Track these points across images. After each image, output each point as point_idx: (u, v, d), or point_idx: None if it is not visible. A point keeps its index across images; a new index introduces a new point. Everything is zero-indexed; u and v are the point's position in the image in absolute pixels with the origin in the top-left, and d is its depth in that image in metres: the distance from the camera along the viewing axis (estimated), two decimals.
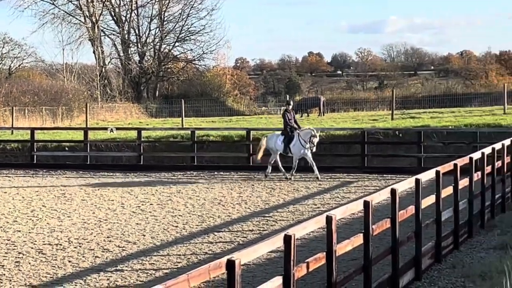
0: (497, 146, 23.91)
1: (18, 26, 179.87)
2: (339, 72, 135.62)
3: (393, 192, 14.93)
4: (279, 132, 32.36)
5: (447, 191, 18.75)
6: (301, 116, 59.69)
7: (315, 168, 31.31)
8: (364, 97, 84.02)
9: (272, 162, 32.04)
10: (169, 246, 19.69)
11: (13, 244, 20.07)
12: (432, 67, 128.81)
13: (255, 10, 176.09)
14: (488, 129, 36.03)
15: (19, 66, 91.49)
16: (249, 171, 35.22)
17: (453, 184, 19.16)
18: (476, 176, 21.14)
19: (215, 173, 35.17)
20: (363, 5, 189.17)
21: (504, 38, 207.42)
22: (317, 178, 30.79)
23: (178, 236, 20.92)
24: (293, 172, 31.78)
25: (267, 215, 24.25)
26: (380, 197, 15.22)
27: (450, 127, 37.89)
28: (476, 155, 21.57)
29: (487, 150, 22.80)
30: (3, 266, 17.72)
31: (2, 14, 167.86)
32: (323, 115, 60.49)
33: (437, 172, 18.20)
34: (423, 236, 16.54)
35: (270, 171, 32.26)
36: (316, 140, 31.13)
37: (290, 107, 33.12)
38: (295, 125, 32.02)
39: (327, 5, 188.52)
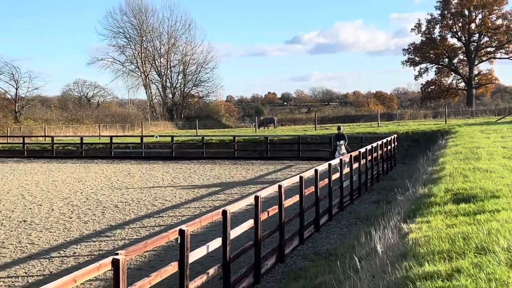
0: (374, 144, 24.18)
1: (103, 77, 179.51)
2: (285, 103, 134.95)
3: (316, 171, 15.10)
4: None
5: (346, 170, 18.95)
6: (264, 128, 59.82)
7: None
8: (299, 117, 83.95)
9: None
10: (190, 202, 19.75)
11: (100, 202, 20.15)
12: (338, 100, 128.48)
13: (238, 68, 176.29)
14: (369, 135, 36.10)
15: (103, 101, 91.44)
16: (235, 160, 35.32)
17: (349, 166, 19.42)
18: (363, 161, 21.34)
19: (215, 161, 35.15)
20: (298, 65, 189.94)
21: (378, 83, 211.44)
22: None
23: (194, 197, 20.95)
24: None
25: (245, 185, 24.30)
26: (309, 173, 15.17)
27: (348, 134, 37.92)
28: (363, 150, 21.84)
29: (369, 147, 22.99)
30: (94, 214, 17.79)
31: (94, 70, 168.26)
32: (276, 127, 60.71)
33: (341, 160, 18.51)
34: (333, 195, 16.66)
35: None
36: (338, 146, 25.55)
37: (340, 131, 27.15)
38: (339, 143, 25.56)
39: (278, 64, 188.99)
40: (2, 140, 46.68)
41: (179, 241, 8.13)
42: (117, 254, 6.65)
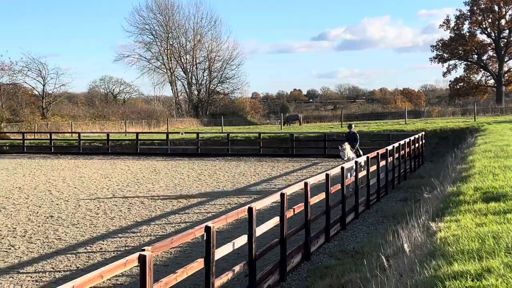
0: (401, 142, 24.07)
1: (129, 74, 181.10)
2: (311, 100, 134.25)
3: (342, 168, 15.10)
4: None
5: (373, 168, 18.86)
6: (289, 125, 59.72)
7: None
8: (325, 115, 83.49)
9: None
10: (215, 199, 19.86)
11: (126, 198, 20.35)
12: (364, 97, 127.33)
13: (263, 65, 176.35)
14: (396, 132, 35.81)
15: (129, 97, 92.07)
16: (260, 157, 35.37)
17: (376, 164, 19.31)
18: (390, 159, 21.27)
19: (241, 158, 35.24)
20: (324, 62, 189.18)
21: (405, 80, 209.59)
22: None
23: (220, 194, 21.01)
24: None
25: (270, 182, 24.36)
26: (335, 171, 15.20)
27: (374, 131, 37.86)
28: (389, 147, 21.75)
29: (396, 145, 22.88)
30: (120, 210, 17.98)
31: (120, 67, 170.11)
32: (301, 124, 60.48)
33: (367, 157, 18.36)
34: (359, 193, 16.64)
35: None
36: (341, 151, 21.81)
37: (351, 130, 24.01)
38: (341, 148, 22.08)
39: (305, 61, 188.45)
40: (29, 136, 47.36)
41: (205, 238, 8.16)
42: (143, 250, 6.69)
